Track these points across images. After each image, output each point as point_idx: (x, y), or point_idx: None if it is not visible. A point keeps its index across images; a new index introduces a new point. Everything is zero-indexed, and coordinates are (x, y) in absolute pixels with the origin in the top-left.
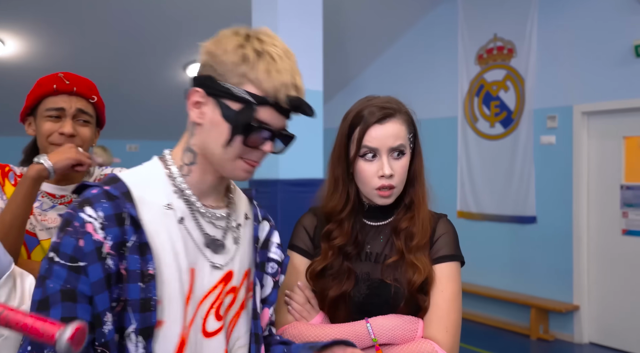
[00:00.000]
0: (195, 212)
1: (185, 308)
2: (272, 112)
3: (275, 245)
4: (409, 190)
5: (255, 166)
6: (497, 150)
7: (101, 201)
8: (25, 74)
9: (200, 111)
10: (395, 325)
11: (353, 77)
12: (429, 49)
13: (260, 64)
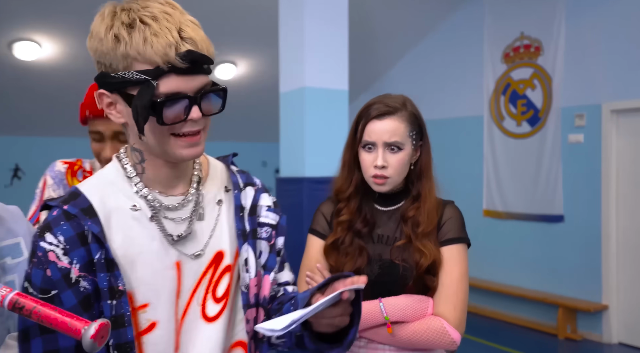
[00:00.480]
0: (159, 211)
1: (177, 301)
2: (175, 78)
3: (265, 209)
4: (416, 183)
5: (196, 139)
6: (523, 149)
7: (60, 224)
8: (60, 75)
9: (116, 110)
10: (407, 305)
11: (378, 77)
12: (455, 48)
13: (135, 36)
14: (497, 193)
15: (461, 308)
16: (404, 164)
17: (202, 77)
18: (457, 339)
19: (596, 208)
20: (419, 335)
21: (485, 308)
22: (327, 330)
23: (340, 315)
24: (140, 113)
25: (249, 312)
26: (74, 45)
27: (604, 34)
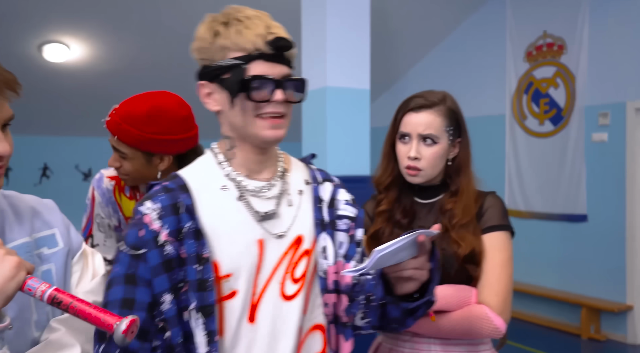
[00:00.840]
0: (244, 192)
1: (256, 277)
2: (263, 63)
3: (343, 203)
4: (454, 178)
5: (279, 122)
6: (546, 148)
7: (159, 195)
8: (87, 76)
9: (213, 100)
10: (449, 294)
11: (399, 76)
12: (477, 47)
13: (231, 30)
14: (519, 192)
15: (504, 295)
16: (438, 157)
17: (284, 67)
18: (500, 326)
19: (620, 207)
20: (461, 323)
21: None
22: (409, 290)
23: (419, 268)
24: (232, 88)
25: (327, 297)
26: (102, 47)
27: (628, 31)
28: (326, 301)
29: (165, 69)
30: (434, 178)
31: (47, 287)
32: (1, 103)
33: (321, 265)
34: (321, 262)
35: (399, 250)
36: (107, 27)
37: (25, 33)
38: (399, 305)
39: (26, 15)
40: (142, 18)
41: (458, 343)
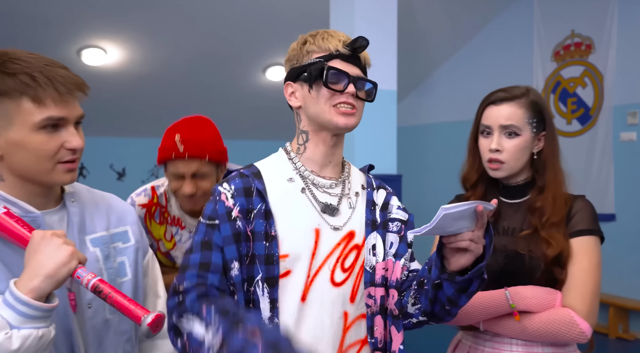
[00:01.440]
0: (310, 185)
1: (311, 261)
2: (341, 61)
3: (395, 207)
4: (541, 172)
5: (351, 112)
6: (573, 148)
7: (235, 179)
8: (124, 80)
9: (294, 97)
10: (534, 295)
11: (426, 77)
12: (504, 47)
13: (317, 37)
14: None
15: (590, 299)
16: (521, 150)
17: (359, 69)
18: (586, 330)
19: None
20: (545, 326)
21: None
22: (463, 264)
23: (474, 241)
24: (312, 73)
25: (371, 289)
26: (137, 51)
27: None
28: (370, 293)
29: (199, 72)
30: (519, 175)
31: (93, 276)
32: (73, 103)
33: (369, 260)
34: (369, 258)
35: (460, 217)
36: (142, 31)
37: (65, 38)
38: (454, 281)
39: (66, 21)
40: (176, 23)
41: (542, 345)
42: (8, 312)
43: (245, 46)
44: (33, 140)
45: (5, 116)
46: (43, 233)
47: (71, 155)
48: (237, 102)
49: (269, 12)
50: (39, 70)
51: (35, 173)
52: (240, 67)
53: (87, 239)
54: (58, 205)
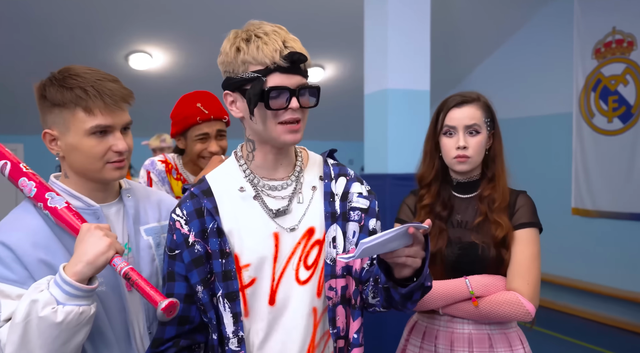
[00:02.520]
0: (260, 193)
1: (274, 265)
2: (279, 75)
3: (356, 195)
4: (490, 166)
5: (296, 128)
6: (615, 146)
7: (186, 202)
8: (168, 83)
9: (236, 107)
10: (489, 282)
11: (463, 77)
12: (543, 45)
13: (251, 46)
14: (586, 191)
15: (534, 285)
16: (481, 146)
17: (299, 77)
18: (531, 310)
19: None
20: (496, 307)
21: (575, 308)
22: (405, 275)
23: (412, 256)
24: (252, 99)
25: (332, 281)
26: (180, 55)
27: None
28: (332, 285)
29: None
30: (474, 171)
31: (126, 265)
32: (120, 112)
33: (329, 254)
34: (329, 251)
35: (389, 241)
36: (185, 36)
37: (113, 44)
38: (397, 289)
39: (114, 28)
40: (217, 26)
41: (489, 323)
42: (56, 290)
43: None
44: (85, 144)
45: (64, 123)
46: (89, 226)
47: (118, 156)
48: None
49: (305, 13)
50: (91, 85)
51: (89, 171)
52: None
53: (142, 229)
54: (116, 199)
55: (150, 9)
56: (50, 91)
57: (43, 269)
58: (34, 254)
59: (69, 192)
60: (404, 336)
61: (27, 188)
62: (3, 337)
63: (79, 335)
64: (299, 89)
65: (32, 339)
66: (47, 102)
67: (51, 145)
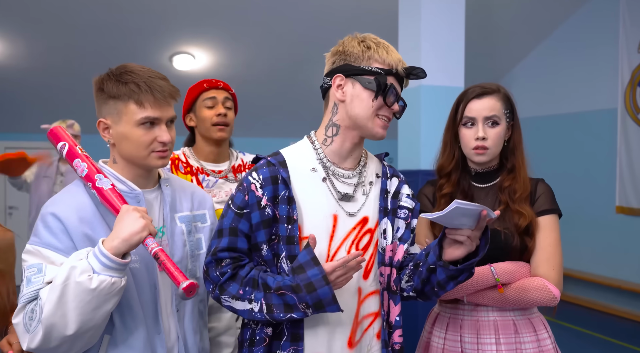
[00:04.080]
0: (330, 175)
1: (330, 243)
2: (394, 80)
3: (405, 196)
4: (510, 157)
5: (387, 124)
6: None
7: (263, 168)
8: None
9: (342, 91)
10: (514, 269)
11: (504, 73)
12: (587, 40)
13: (380, 49)
14: (631, 188)
15: (559, 269)
16: (500, 137)
17: (400, 89)
18: (557, 295)
19: None
20: (523, 293)
21: (619, 309)
22: (457, 256)
23: (472, 238)
24: (380, 86)
25: (382, 269)
26: (222, 55)
27: None
28: (382, 272)
29: (279, 71)
30: (493, 161)
31: (156, 245)
32: (167, 107)
33: (380, 243)
34: (381, 241)
35: (466, 214)
36: (226, 37)
37: (158, 46)
38: (448, 269)
39: (159, 30)
40: (256, 26)
41: (513, 309)
42: (94, 260)
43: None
44: (134, 133)
45: (117, 114)
46: (128, 207)
47: (162, 146)
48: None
49: (341, 11)
50: (143, 81)
51: (136, 158)
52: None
53: (176, 216)
54: (155, 187)
55: (193, 11)
56: (108, 85)
57: (85, 242)
58: (80, 228)
59: (115, 176)
60: (426, 328)
61: (79, 169)
62: (43, 296)
63: (108, 304)
64: (400, 97)
65: (67, 301)
66: (104, 94)
67: (104, 133)
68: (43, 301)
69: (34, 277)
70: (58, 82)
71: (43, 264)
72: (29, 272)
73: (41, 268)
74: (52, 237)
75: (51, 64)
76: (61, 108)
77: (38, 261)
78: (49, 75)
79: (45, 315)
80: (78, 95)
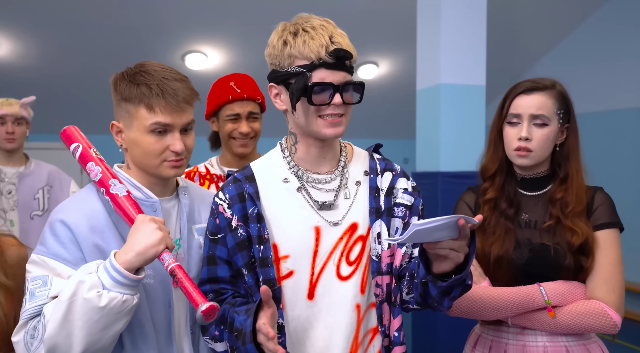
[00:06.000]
0: (305, 183)
1: (314, 259)
2: (324, 71)
3: (401, 191)
4: (563, 164)
5: (337, 121)
6: None
7: (229, 186)
8: None
9: (280, 100)
10: (566, 290)
11: (524, 71)
12: (613, 35)
13: (298, 40)
14: None
15: (619, 292)
16: (548, 140)
17: (344, 73)
18: (618, 322)
19: None
20: (578, 319)
21: None
22: (445, 269)
23: (456, 250)
24: (295, 93)
25: (378, 278)
26: (237, 54)
27: None
28: (378, 282)
29: None
30: (540, 166)
31: (173, 261)
32: (180, 112)
33: (374, 250)
34: (374, 247)
35: (437, 230)
36: (238, 35)
37: (170, 45)
38: (436, 284)
39: (171, 29)
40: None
41: (565, 333)
42: (104, 275)
43: None
44: (144, 140)
45: (128, 117)
46: (144, 217)
47: (175, 156)
48: None
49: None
50: (156, 83)
51: (146, 166)
52: None
53: (194, 228)
54: (172, 195)
55: (206, 9)
56: (121, 85)
57: (96, 254)
58: (90, 238)
59: (131, 182)
60: (466, 351)
61: (93, 173)
62: (47, 313)
63: (118, 324)
64: (343, 85)
65: (73, 319)
66: (118, 95)
67: (117, 137)
68: (47, 318)
69: (38, 290)
70: (70, 82)
71: (49, 276)
72: (33, 284)
73: (46, 281)
74: (60, 247)
75: (64, 63)
76: (74, 108)
77: (43, 273)
78: (61, 75)
79: (49, 333)
80: (91, 94)
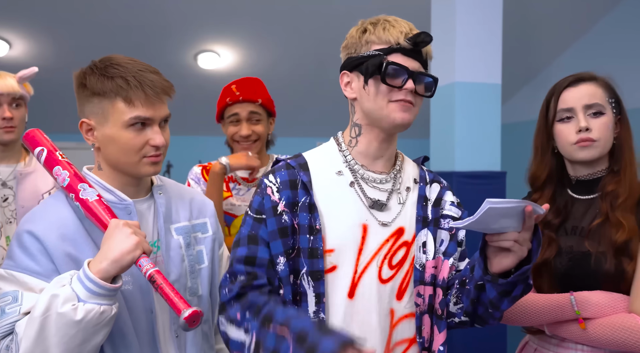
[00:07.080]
0: (359, 179)
1: (358, 257)
2: (401, 56)
3: (449, 203)
4: (617, 156)
5: (408, 106)
6: None
7: (281, 170)
8: None
9: (350, 87)
10: (603, 301)
11: (540, 69)
12: (632, 33)
13: (377, 27)
14: None
15: None
16: (608, 129)
17: (419, 63)
18: None
19: None
20: (610, 333)
21: None
22: (505, 266)
23: (519, 242)
24: (369, 68)
25: (420, 288)
26: (249, 53)
27: None
28: (420, 291)
29: (304, 72)
30: (601, 163)
31: (152, 266)
32: (160, 105)
33: (418, 258)
34: (419, 255)
35: (506, 214)
36: (251, 34)
37: (183, 44)
38: (497, 283)
39: (183, 28)
40: (282, 23)
41: (610, 351)
42: (79, 287)
43: None
44: (123, 136)
45: (102, 113)
46: (117, 222)
47: (155, 151)
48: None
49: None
50: (132, 75)
51: (124, 164)
52: None
53: (172, 228)
54: (147, 195)
55: (218, 8)
56: (91, 80)
57: (69, 264)
58: (61, 247)
59: (102, 185)
60: None
61: (60, 178)
62: (20, 331)
63: (97, 336)
64: (417, 74)
65: (48, 336)
66: (87, 91)
67: (87, 135)
68: (19, 336)
69: (8, 307)
70: None
71: (19, 291)
72: (3, 301)
73: (17, 296)
74: (28, 259)
75: (76, 63)
76: None
77: (13, 288)
78: None
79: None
80: None
